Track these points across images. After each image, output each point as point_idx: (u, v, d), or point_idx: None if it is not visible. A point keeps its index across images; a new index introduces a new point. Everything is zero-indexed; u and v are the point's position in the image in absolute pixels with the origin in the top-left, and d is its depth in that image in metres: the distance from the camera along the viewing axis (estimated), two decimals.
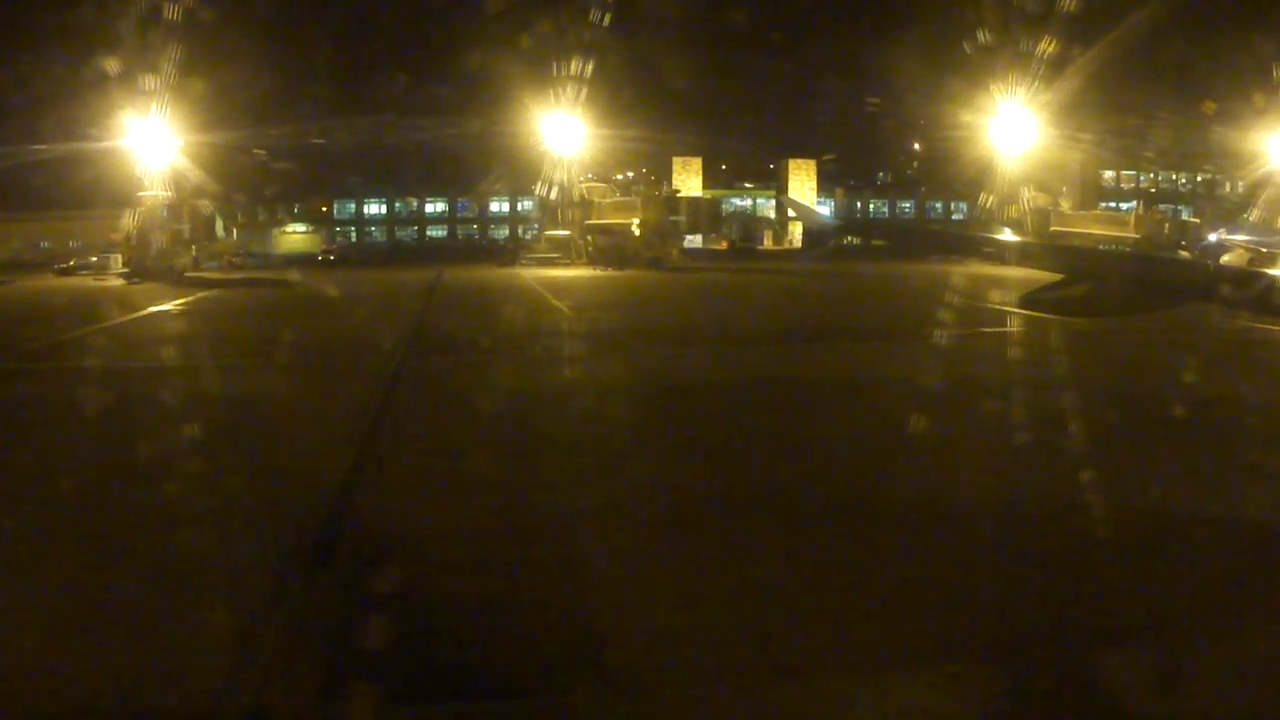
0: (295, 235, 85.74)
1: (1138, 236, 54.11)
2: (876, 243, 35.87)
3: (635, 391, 12.62)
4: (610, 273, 44.48)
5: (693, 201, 52.65)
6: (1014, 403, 11.23)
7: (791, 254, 67.03)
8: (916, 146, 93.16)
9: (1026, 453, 8.71)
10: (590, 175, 55.50)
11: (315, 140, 69.91)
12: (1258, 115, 57.22)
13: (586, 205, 53.30)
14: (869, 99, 79.71)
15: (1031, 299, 7.26)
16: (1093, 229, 57.25)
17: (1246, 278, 7.89)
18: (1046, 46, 51.89)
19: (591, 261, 49.43)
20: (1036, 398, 11.40)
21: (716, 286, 35.78)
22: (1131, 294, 6.54)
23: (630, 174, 58.43)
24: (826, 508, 7.19)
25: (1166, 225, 57.65)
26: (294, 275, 44.52)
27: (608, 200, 52.71)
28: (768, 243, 78.80)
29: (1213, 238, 46.23)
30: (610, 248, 49.18)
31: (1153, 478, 7.85)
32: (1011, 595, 5.44)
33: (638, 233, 48.07)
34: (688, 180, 77.22)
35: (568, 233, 54.39)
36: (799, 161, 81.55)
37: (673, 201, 50.06)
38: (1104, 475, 7.60)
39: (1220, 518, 6.78)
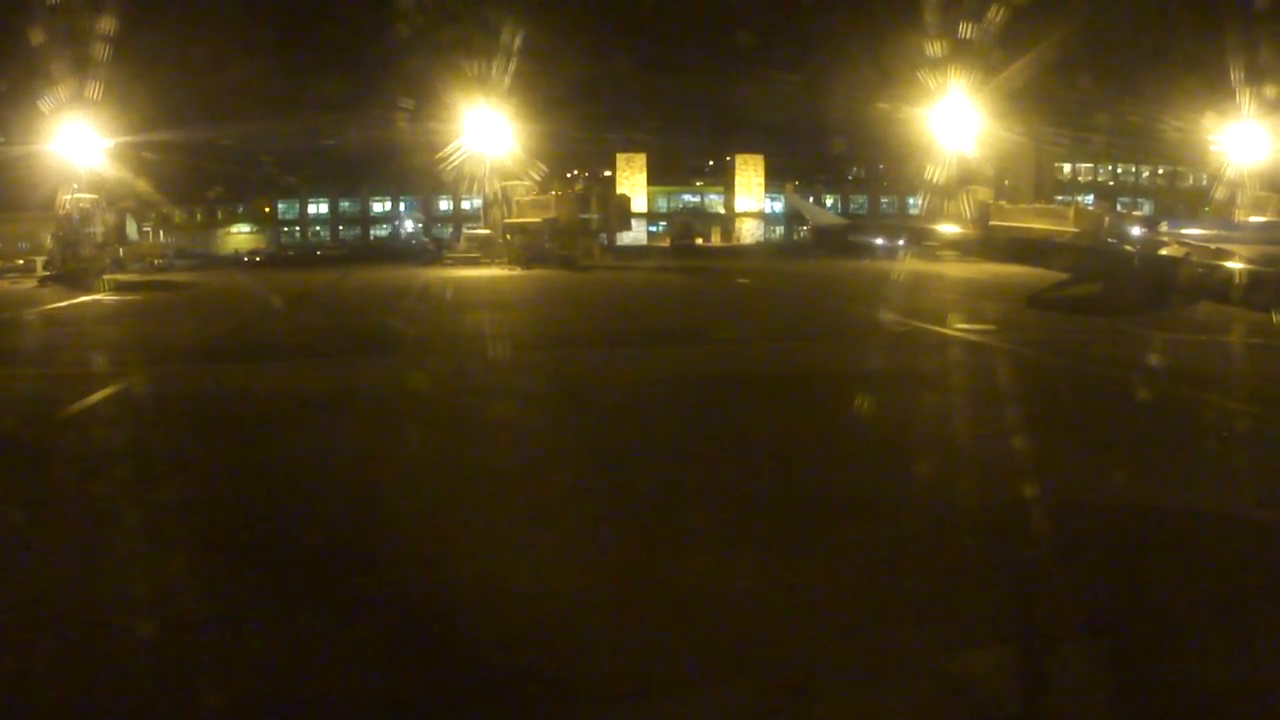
0: (240, 235, 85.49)
1: (1076, 230, 53.34)
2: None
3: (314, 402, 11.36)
4: (517, 272, 43.17)
5: (603, 198, 51.36)
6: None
7: (734, 251, 65.93)
8: (893, 142, 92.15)
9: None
10: (572, 176, 54.14)
11: (250, 140, 68.74)
12: (1219, 108, 56.43)
13: (507, 203, 52.08)
14: (817, 94, 78.73)
15: (1040, 299, 6.59)
16: (1032, 223, 56.43)
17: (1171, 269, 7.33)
18: (1002, 36, 50.74)
19: (510, 260, 48.19)
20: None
21: (597, 288, 34.27)
22: (1141, 293, 6.03)
23: (591, 172, 57.30)
24: None
25: (1106, 219, 57.02)
26: (207, 277, 43.86)
27: (526, 198, 51.46)
28: (715, 240, 77.49)
29: (1136, 231, 45.26)
30: (526, 246, 47.95)
31: None
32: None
33: (548, 230, 46.93)
34: (632, 177, 75.96)
35: (489, 231, 53.17)
36: (746, 157, 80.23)
37: (584, 198, 48.77)
38: None
39: None
